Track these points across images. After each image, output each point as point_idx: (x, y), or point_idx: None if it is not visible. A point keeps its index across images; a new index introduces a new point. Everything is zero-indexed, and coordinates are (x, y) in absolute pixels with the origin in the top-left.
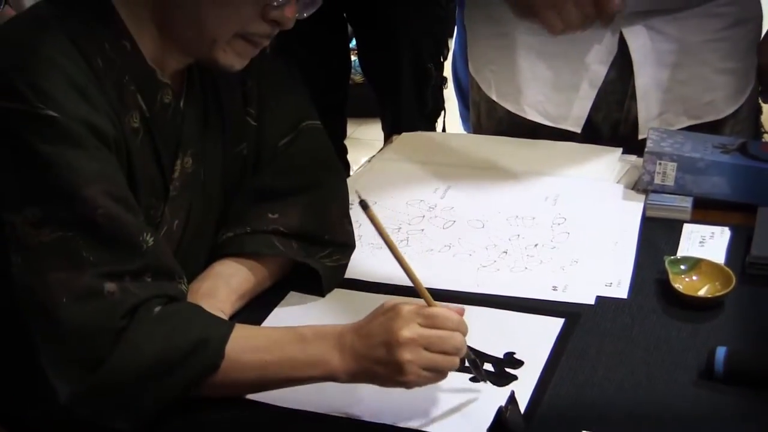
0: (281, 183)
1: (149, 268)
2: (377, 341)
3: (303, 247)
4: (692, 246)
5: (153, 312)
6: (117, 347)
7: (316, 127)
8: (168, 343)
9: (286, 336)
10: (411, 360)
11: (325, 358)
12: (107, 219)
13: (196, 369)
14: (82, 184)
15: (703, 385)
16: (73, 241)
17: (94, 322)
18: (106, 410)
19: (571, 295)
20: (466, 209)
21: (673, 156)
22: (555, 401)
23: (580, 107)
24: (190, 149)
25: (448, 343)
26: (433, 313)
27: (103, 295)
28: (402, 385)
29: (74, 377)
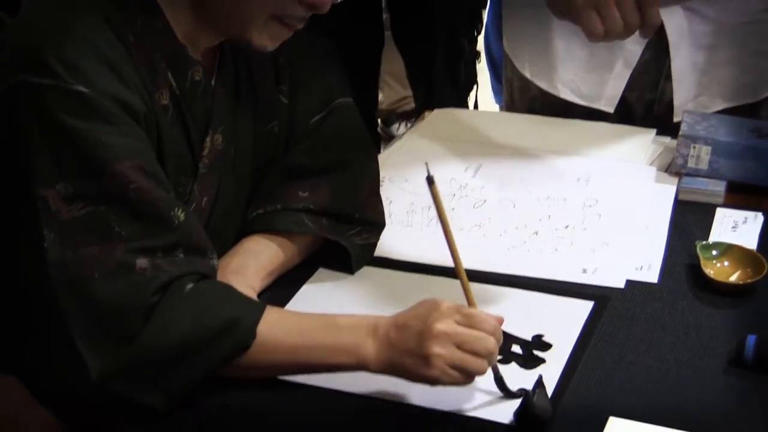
0: (312, 161)
1: (181, 243)
2: (412, 332)
3: (333, 225)
4: (724, 231)
5: (185, 289)
6: (148, 324)
7: (348, 105)
8: (199, 321)
9: (319, 321)
10: (439, 354)
11: (358, 346)
12: (139, 194)
13: (227, 348)
14: (113, 159)
15: (733, 372)
16: (104, 216)
17: (125, 298)
18: (137, 386)
19: (601, 278)
20: (497, 189)
21: (707, 140)
22: (582, 386)
23: (613, 87)
24: (220, 127)
25: (481, 344)
26: (472, 313)
27: (135, 270)
28: (427, 380)
29: (105, 353)
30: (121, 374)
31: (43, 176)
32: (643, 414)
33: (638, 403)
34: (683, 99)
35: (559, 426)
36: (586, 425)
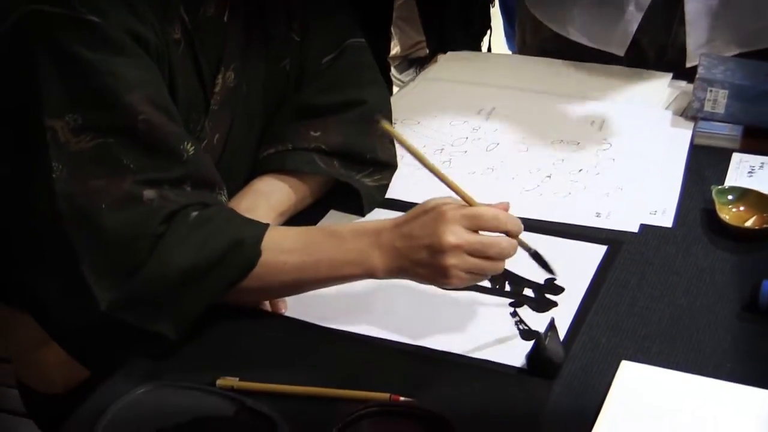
0: (324, 100)
1: (189, 177)
2: (420, 243)
3: (344, 166)
4: (740, 176)
5: (190, 217)
6: (154, 252)
7: (360, 44)
8: (204, 246)
9: (322, 235)
10: (455, 264)
11: (364, 256)
12: (148, 126)
13: (233, 269)
14: (124, 91)
15: (746, 317)
16: (113, 147)
17: (132, 229)
18: (146, 315)
19: (615, 223)
20: (511, 132)
21: (724, 83)
22: (595, 329)
23: (624, 30)
24: (232, 64)
25: (493, 250)
26: (478, 213)
27: (142, 201)
28: (443, 286)
29: (113, 283)
30: (130, 303)
31: (52, 107)
32: (656, 358)
33: (651, 347)
34: (696, 43)
35: (570, 369)
36: (598, 369)
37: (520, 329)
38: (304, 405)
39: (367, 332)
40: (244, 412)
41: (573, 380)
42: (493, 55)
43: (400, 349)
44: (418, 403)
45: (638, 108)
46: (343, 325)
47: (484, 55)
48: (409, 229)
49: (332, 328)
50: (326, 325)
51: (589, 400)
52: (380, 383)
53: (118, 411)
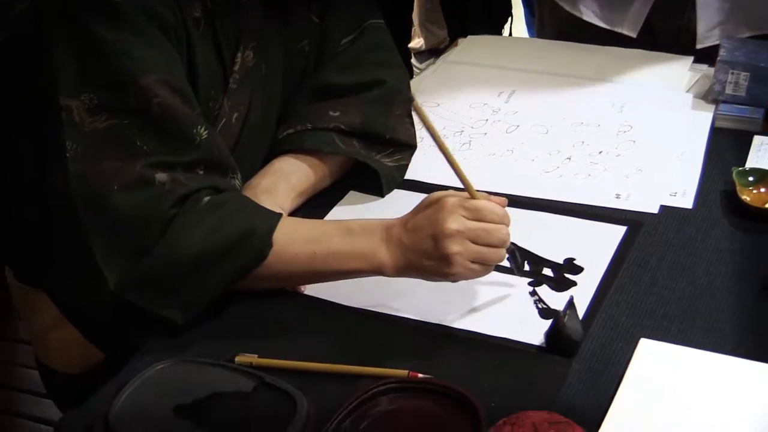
0: (343, 80)
1: (202, 161)
2: (424, 234)
3: (364, 146)
4: (761, 158)
5: (202, 202)
6: (165, 236)
7: (379, 26)
8: (215, 232)
9: (333, 228)
10: (458, 252)
11: (373, 251)
12: (163, 109)
13: (243, 259)
14: (140, 72)
15: (766, 297)
16: (127, 129)
17: (143, 211)
18: (155, 298)
19: (635, 204)
20: (530, 114)
21: (746, 66)
22: (614, 309)
23: (638, 11)
24: (251, 42)
25: (494, 235)
26: (478, 205)
27: (154, 184)
28: (448, 278)
29: (123, 264)
30: (138, 285)
31: (68, 86)
32: (675, 337)
33: (670, 326)
34: (706, 26)
35: (589, 347)
36: (617, 347)
37: (539, 308)
38: (323, 381)
39: (386, 310)
40: (262, 388)
41: (592, 358)
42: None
43: (419, 327)
44: (437, 380)
45: (659, 91)
46: (361, 303)
47: (504, 39)
48: (413, 224)
49: (351, 306)
50: (345, 303)
51: (607, 378)
52: (399, 360)
53: (136, 387)
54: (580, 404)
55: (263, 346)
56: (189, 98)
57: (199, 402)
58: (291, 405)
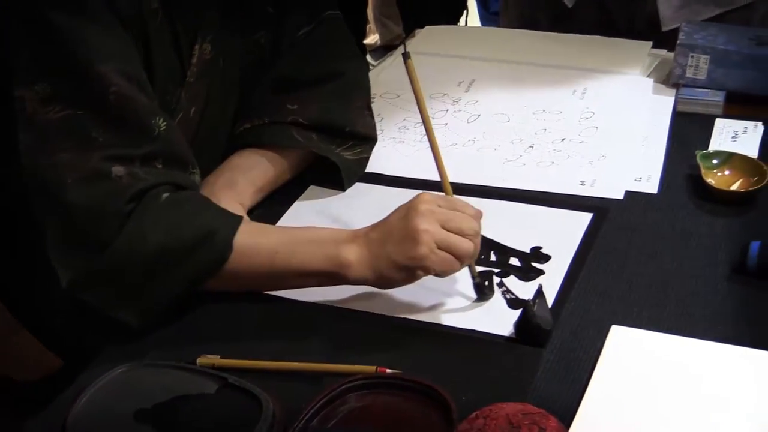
0: (300, 73)
1: (160, 153)
2: (394, 220)
3: (323, 139)
4: (724, 141)
5: (161, 198)
6: (122, 232)
7: (337, 17)
8: (174, 231)
9: (298, 232)
10: (426, 229)
11: (337, 249)
12: (119, 98)
13: (203, 261)
14: (96, 61)
15: (736, 279)
16: (82, 119)
17: (99, 205)
18: (109, 299)
19: (600, 190)
20: (491, 103)
21: (706, 49)
22: (583, 296)
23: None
24: (209, 35)
25: (466, 222)
26: (453, 199)
27: (111, 178)
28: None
29: (77, 261)
30: (93, 284)
31: (22, 76)
32: (646, 322)
33: (641, 312)
34: (671, 7)
35: (560, 336)
36: (588, 335)
37: (507, 298)
38: (289, 381)
39: (351, 306)
40: (226, 389)
41: (563, 347)
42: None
43: (385, 322)
44: (406, 375)
45: (619, 77)
46: (325, 299)
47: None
48: (384, 220)
49: (314, 303)
50: (308, 300)
51: (580, 366)
52: (365, 357)
53: (95, 392)
54: (554, 394)
55: (225, 346)
56: (146, 88)
57: (161, 406)
58: (256, 406)
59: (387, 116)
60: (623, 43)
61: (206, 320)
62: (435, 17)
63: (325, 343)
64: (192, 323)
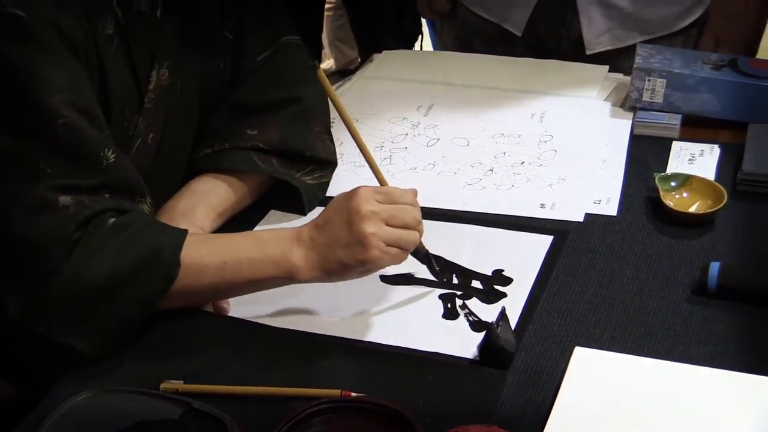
0: (260, 98)
1: (108, 185)
2: (337, 223)
3: (283, 164)
4: (681, 163)
5: (107, 224)
6: (69, 260)
7: (295, 42)
8: (121, 254)
9: (243, 238)
10: (374, 233)
11: (284, 255)
12: (68, 131)
13: (151, 280)
14: (45, 92)
15: (696, 300)
16: (30, 150)
17: (46, 234)
18: (58, 325)
19: (560, 213)
20: (450, 127)
21: (662, 72)
22: (545, 318)
23: (519, 14)
24: (166, 61)
25: (409, 215)
26: (389, 190)
27: (57, 207)
28: (365, 265)
29: (24, 290)
30: (42, 313)
31: None
32: (608, 343)
33: (603, 333)
34: (594, 32)
35: (524, 358)
36: (552, 356)
37: (470, 321)
38: (254, 405)
39: (314, 330)
40: (190, 415)
41: (527, 369)
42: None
43: (350, 346)
44: (371, 398)
45: (577, 100)
46: (288, 323)
47: (419, 53)
48: (324, 219)
49: (277, 327)
50: (271, 324)
51: (544, 388)
52: (330, 380)
53: (56, 420)
54: (519, 416)
55: (187, 370)
56: (97, 120)
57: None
58: (221, 430)
59: (347, 140)
60: (580, 67)
61: (169, 344)
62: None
63: (290, 367)
64: (154, 348)
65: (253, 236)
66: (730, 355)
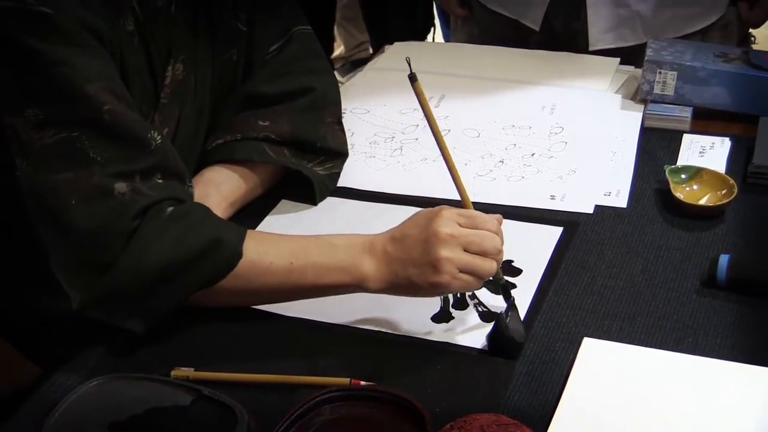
0: (272, 89)
1: (159, 167)
2: (414, 240)
3: (295, 155)
4: (692, 156)
5: (165, 212)
6: (128, 248)
7: (307, 32)
8: (180, 243)
9: (312, 240)
10: (449, 258)
11: (354, 264)
12: (113, 116)
13: (210, 268)
14: (84, 82)
15: (706, 293)
16: (78, 140)
17: (104, 224)
18: (118, 312)
19: (570, 204)
20: (461, 118)
21: (673, 65)
22: (554, 309)
23: (536, 9)
24: (181, 55)
25: (489, 243)
26: (474, 214)
27: (114, 195)
28: (437, 288)
29: (86, 281)
30: (102, 302)
31: (9, 103)
32: (617, 335)
33: (612, 324)
34: (600, 28)
35: (533, 348)
36: (561, 347)
37: (479, 311)
38: (264, 393)
39: (324, 318)
40: (201, 402)
41: (535, 359)
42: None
43: (358, 335)
44: (380, 387)
45: (588, 92)
46: (299, 312)
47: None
48: (402, 233)
49: (289, 316)
50: (282, 313)
51: (552, 378)
52: (339, 369)
53: (69, 404)
54: (527, 405)
55: (198, 358)
56: (133, 105)
57: (136, 418)
58: (231, 418)
59: (358, 131)
60: (591, 59)
61: (179, 332)
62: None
63: (298, 355)
64: (165, 335)
65: (324, 239)
66: (739, 347)
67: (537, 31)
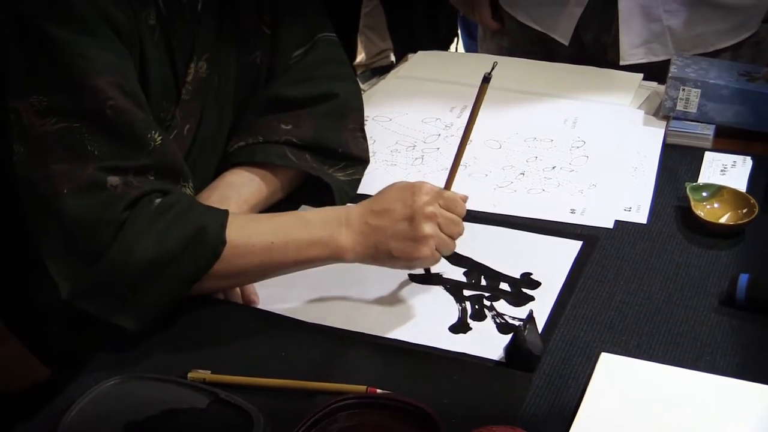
0: (295, 93)
1: (154, 166)
2: (398, 216)
3: (316, 160)
4: (713, 174)
5: (153, 204)
6: (117, 240)
7: (331, 39)
8: (167, 234)
9: (289, 218)
10: (431, 235)
11: (332, 237)
12: (116, 112)
13: (197, 258)
14: (93, 74)
15: (724, 311)
16: (78, 132)
17: (95, 214)
18: (108, 305)
19: (590, 219)
20: (483, 129)
21: (697, 82)
22: (572, 323)
23: (566, 22)
24: (205, 54)
25: (456, 228)
26: (453, 197)
27: (106, 187)
28: (413, 261)
29: (75, 271)
30: (92, 292)
31: (17, 87)
32: (634, 351)
33: (629, 340)
34: (631, 43)
35: (549, 362)
36: (577, 361)
37: (497, 323)
38: (279, 398)
39: (342, 325)
40: (217, 404)
41: (552, 373)
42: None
43: (377, 343)
44: (396, 395)
45: (610, 107)
46: (317, 318)
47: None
48: (380, 206)
49: (306, 321)
50: (299, 318)
51: (568, 392)
52: (356, 376)
53: (85, 404)
54: (543, 418)
55: (215, 360)
56: (142, 103)
57: (152, 419)
58: (247, 422)
59: (379, 139)
60: (614, 73)
61: (196, 334)
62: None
63: (315, 361)
64: (182, 337)
65: (299, 216)
66: (757, 367)
67: (566, 45)
